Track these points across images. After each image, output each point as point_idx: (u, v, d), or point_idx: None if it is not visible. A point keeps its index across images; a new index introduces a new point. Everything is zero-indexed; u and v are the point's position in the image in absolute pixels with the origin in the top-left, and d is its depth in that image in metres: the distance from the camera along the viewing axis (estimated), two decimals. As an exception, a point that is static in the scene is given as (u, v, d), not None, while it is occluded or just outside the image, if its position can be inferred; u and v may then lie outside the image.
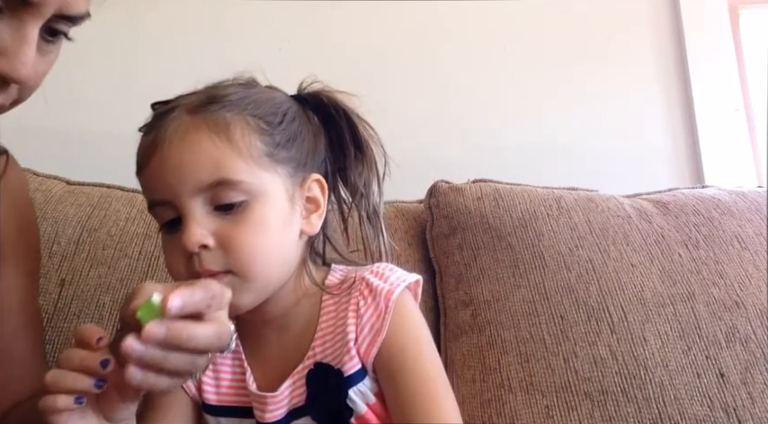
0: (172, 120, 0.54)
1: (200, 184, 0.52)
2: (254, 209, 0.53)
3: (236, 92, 0.57)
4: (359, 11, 1.30)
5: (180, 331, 0.42)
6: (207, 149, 0.52)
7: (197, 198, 0.52)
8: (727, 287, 0.84)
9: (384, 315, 0.56)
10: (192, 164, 0.52)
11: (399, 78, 1.27)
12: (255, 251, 0.52)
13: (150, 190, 0.55)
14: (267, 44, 1.26)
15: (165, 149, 0.53)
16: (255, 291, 0.54)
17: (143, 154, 0.55)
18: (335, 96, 0.63)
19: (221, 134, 0.53)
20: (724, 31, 1.33)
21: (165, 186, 0.52)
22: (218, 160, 0.52)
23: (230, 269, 0.52)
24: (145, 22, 1.26)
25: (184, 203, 0.52)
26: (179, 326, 0.43)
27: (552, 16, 1.33)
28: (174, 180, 0.52)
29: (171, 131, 0.53)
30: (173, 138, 0.53)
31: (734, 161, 1.26)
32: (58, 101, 1.20)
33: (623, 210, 0.94)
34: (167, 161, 0.52)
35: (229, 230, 0.52)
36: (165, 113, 0.55)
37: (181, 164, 0.52)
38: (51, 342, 0.76)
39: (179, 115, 0.54)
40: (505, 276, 0.86)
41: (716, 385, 0.75)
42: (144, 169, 0.54)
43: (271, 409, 0.57)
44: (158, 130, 0.54)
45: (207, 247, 0.51)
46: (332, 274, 0.62)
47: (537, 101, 1.29)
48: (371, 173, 0.63)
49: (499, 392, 0.77)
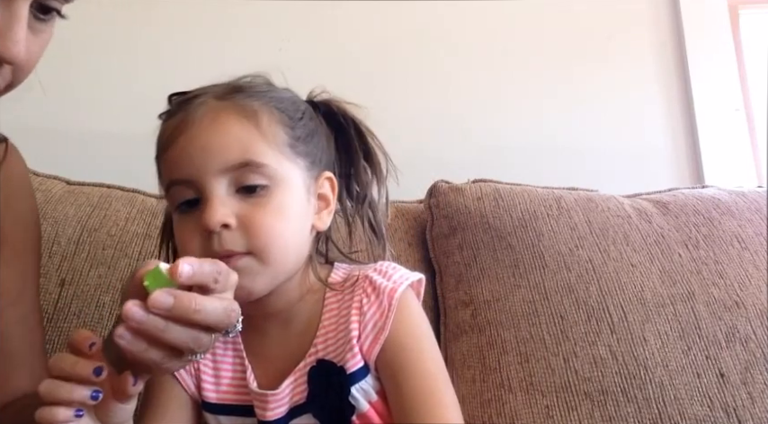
0: (200, 105, 0.55)
1: (225, 165, 0.52)
2: (275, 195, 0.54)
3: (261, 85, 0.60)
4: (359, 11, 1.30)
5: (189, 301, 0.41)
6: (235, 131, 0.54)
7: (221, 179, 0.53)
8: (727, 287, 0.84)
9: (387, 313, 0.56)
10: (220, 145, 0.53)
11: (399, 78, 1.27)
12: (276, 234, 0.53)
13: (173, 170, 0.55)
14: (267, 44, 1.25)
15: (193, 129, 0.54)
16: (269, 276, 0.54)
17: (169, 135, 0.55)
18: (345, 106, 0.65)
19: (249, 119, 0.55)
20: (724, 31, 1.33)
21: (190, 165, 0.53)
22: (245, 143, 0.54)
23: (250, 250, 0.52)
24: (145, 22, 1.26)
25: (208, 182, 0.52)
26: (188, 296, 0.42)
27: (552, 16, 1.33)
28: (201, 159, 0.53)
29: (200, 113, 0.54)
30: (202, 119, 0.54)
31: (734, 161, 1.26)
32: (58, 101, 1.20)
33: (623, 210, 0.94)
34: (195, 140, 0.53)
35: (251, 212, 0.53)
36: (190, 99, 0.57)
37: (209, 144, 0.53)
38: (51, 342, 0.76)
39: (206, 100, 0.56)
40: (505, 276, 0.86)
41: (716, 385, 0.75)
42: (168, 149, 0.55)
43: (272, 407, 0.57)
44: (186, 112, 0.55)
45: (228, 227, 0.52)
46: (335, 272, 0.62)
47: (537, 101, 1.29)
48: (381, 185, 0.65)
49: (499, 392, 0.77)
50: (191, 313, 0.41)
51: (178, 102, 0.58)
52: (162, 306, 0.40)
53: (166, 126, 0.57)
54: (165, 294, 0.41)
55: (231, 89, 0.57)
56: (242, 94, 0.57)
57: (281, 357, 0.59)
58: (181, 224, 0.55)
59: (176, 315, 0.41)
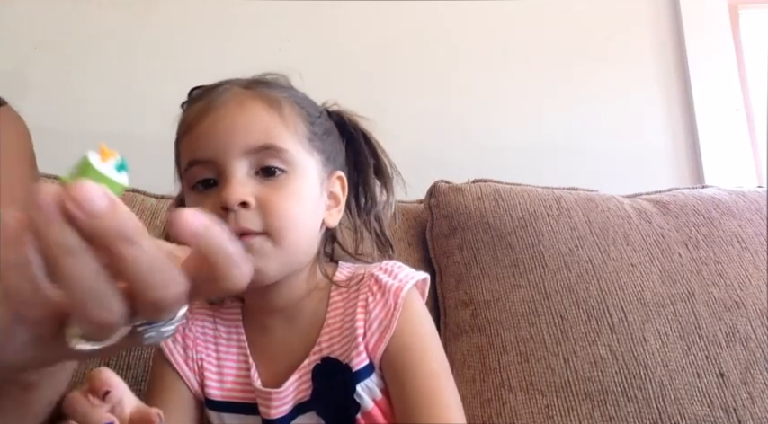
0: (225, 91, 0.57)
1: (248, 146, 0.54)
2: (292, 181, 0.55)
3: (283, 82, 0.63)
4: (359, 11, 1.30)
5: (129, 221, 0.26)
6: (260, 116, 0.56)
7: (243, 160, 0.54)
8: (727, 287, 0.84)
9: (393, 312, 0.57)
10: (245, 126, 0.55)
11: (399, 78, 1.27)
12: (292, 217, 0.54)
13: (195, 149, 0.56)
14: (267, 44, 1.26)
15: (220, 111, 0.55)
16: (281, 260, 0.54)
17: (194, 116, 0.57)
18: (356, 118, 0.67)
19: (273, 107, 0.57)
20: (724, 31, 1.33)
21: (214, 144, 0.54)
22: (269, 127, 0.55)
23: (265, 231, 0.53)
24: (145, 22, 1.26)
25: (229, 162, 0.54)
26: (133, 218, 0.27)
27: (552, 16, 1.33)
28: (225, 138, 0.54)
29: (226, 97, 0.56)
30: (228, 103, 0.56)
31: (734, 161, 1.26)
32: (58, 101, 1.20)
33: (623, 210, 0.94)
34: (222, 121, 0.55)
35: (269, 193, 0.54)
36: (214, 87, 0.59)
37: (235, 125, 0.55)
38: (51, 342, 0.76)
39: (231, 88, 0.58)
40: (505, 276, 0.86)
41: (716, 385, 0.75)
42: (192, 129, 0.56)
43: (276, 405, 0.57)
44: (211, 97, 0.57)
45: (246, 206, 0.52)
46: (339, 271, 0.63)
47: (537, 101, 1.29)
48: (390, 198, 0.67)
49: (499, 391, 0.77)
50: (122, 236, 0.26)
51: (203, 90, 0.60)
52: (92, 205, 0.25)
53: (190, 110, 0.58)
54: (101, 191, 0.25)
55: (255, 81, 0.60)
56: (266, 86, 0.59)
57: (286, 355, 0.59)
58: (196, 203, 0.56)
59: (99, 230, 0.25)
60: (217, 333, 0.62)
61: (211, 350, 0.61)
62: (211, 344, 0.62)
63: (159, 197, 0.95)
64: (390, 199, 0.67)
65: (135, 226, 0.26)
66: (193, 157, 0.56)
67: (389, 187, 0.67)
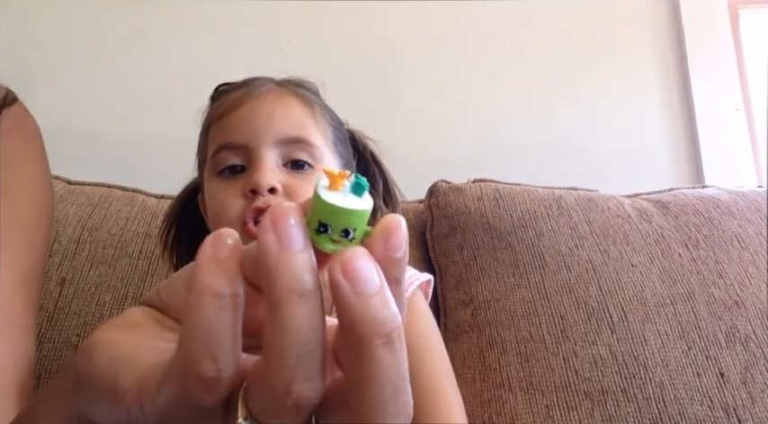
0: (262, 85, 0.59)
1: (282, 136, 0.56)
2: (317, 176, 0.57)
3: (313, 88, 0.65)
4: (359, 11, 1.30)
5: (394, 313, 0.20)
6: (296, 111, 0.58)
7: (274, 150, 0.56)
8: (727, 287, 0.84)
9: None
10: (282, 117, 0.57)
11: (399, 78, 1.27)
12: None
13: (229, 134, 0.57)
14: (267, 44, 1.25)
15: (259, 100, 0.57)
16: None
17: (230, 104, 0.58)
18: (366, 140, 0.70)
19: (307, 106, 0.59)
20: (724, 31, 1.33)
21: (249, 130, 0.56)
22: (303, 122, 0.57)
23: None
24: (145, 22, 1.26)
25: (262, 149, 0.55)
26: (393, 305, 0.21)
27: (552, 16, 1.33)
28: (261, 126, 0.56)
29: (264, 90, 0.58)
30: (267, 94, 0.58)
31: (734, 161, 1.26)
32: (58, 101, 1.20)
33: (623, 210, 0.94)
34: (260, 109, 0.56)
35: (296, 183, 0.55)
36: (251, 81, 0.61)
37: (272, 114, 0.56)
38: (52, 341, 0.77)
39: (267, 83, 0.60)
40: (505, 276, 0.86)
41: (716, 385, 0.75)
42: (228, 115, 0.57)
43: None
44: (249, 88, 0.59)
45: (274, 191, 0.54)
46: None
47: (537, 101, 1.29)
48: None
49: (499, 391, 0.77)
50: (382, 333, 0.19)
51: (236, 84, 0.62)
52: (364, 286, 0.19)
53: (225, 98, 0.59)
54: (373, 271, 0.20)
55: (290, 81, 0.62)
56: (300, 87, 0.61)
57: None
58: (221, 188, 0.56)
59: (357, 316, 0.19)
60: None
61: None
62: None
63: (159, 197, 0.95)
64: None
65: (397, 324, 0.19)
66: (226, 141, 0.57)
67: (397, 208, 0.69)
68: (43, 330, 0.77)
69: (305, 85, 0.63)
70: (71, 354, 0.76)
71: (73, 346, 0.77)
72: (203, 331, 0.19)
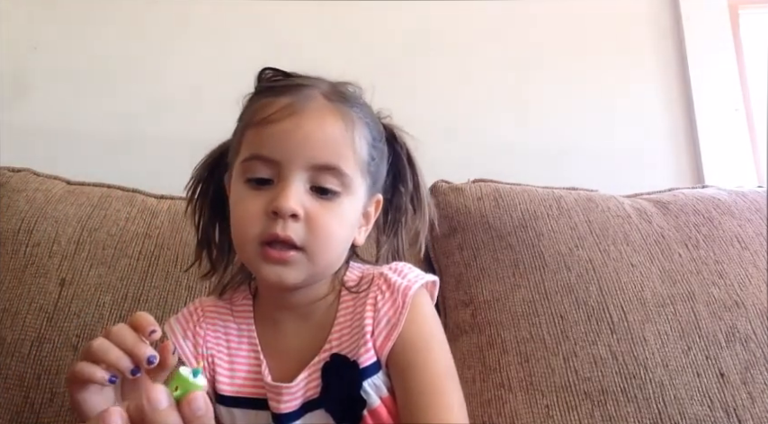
0: (310, 97, 0.57)
1: (315, 160, 0.55)
2: (342, 203, 0.56)
3: (360, 98, 0.63)
4: (359, 11, 1.30)
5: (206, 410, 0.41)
6: (337, 136, 0.56)
7: (304, 173, 0.55)
8: (727, 287, 0.84)
9: (401, 310, 0.57)
10: (320, 142, 0.55)
11: (399, 78, 1.27)
12: (333, 238, 0.56)
13: (264, 145, 0.56)
14: (267, 44, 1.25)
15: (303, 117, 0.55)
16: (310, 272, 0.56)
17: (274, 112, 0.56)
18: (404, 136, 0.68)
19: (349, 129, 0.57)
20: (724, 31, 1.33)
21: (285, 149, 0.55)
22: (340, 149, 0.56)
23: (304, 246, 0.54)
24: (145, 23, 1.26)
25: (294, 170, 0.54)
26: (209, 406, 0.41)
27: (552, 16, 1.33)
28: (298, 147, 0.54)
29: (311, 106, 0.56)
30: (312, 112, 0.56)
31: (734, 161, 1.26)
32: (58, 102, 1.20)
33: (623, 210, 0.94)
34: (302, 128, 0.55)
35: (318, 211, 0.55)
36: (299, 87, 0.58)
37: (312, 135, 0.55)
38: (52, 341, 0.76)
39: (315, 95, 0.58)
40: (505, 276, 0.86)
41: (716, 385, 0.75)
42: (270, 125, 0.56)
43: (286, 399, 0.57)
44: (296, 98, 0.57)
45: (295, 218, 0.54)
46: (350, 271, 0.64)
47: (537, 101, 1.29)
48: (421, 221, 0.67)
49: (499, 392, 0.77)
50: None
51: (284, 85, 0.59)
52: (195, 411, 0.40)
53: (272, 102, 0.57)
54: (201, 399, 0.40)
55: (338, 93, 0.60)
56: (348, 103, 0.59)
57: (296, 351, 0.60)
58: (246, 197, 0.56)
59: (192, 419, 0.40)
60: (228, 329, 0.63)
61: (222, 346, 0.62)
62: (222, 340, 0.62)
63: (159, 197, 0.95)
64: (419, 224, 0.67)
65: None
66: (260, 153, 0.56)
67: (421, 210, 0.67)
68: (43, 330, 0.77)
69: (352, 98, 0.61)
70: (70, 355, 0.76)
71: (72, 346, 0.76)
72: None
